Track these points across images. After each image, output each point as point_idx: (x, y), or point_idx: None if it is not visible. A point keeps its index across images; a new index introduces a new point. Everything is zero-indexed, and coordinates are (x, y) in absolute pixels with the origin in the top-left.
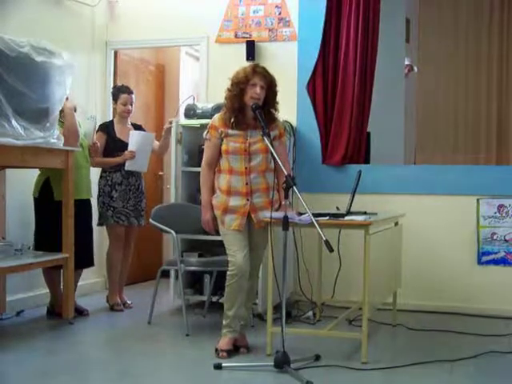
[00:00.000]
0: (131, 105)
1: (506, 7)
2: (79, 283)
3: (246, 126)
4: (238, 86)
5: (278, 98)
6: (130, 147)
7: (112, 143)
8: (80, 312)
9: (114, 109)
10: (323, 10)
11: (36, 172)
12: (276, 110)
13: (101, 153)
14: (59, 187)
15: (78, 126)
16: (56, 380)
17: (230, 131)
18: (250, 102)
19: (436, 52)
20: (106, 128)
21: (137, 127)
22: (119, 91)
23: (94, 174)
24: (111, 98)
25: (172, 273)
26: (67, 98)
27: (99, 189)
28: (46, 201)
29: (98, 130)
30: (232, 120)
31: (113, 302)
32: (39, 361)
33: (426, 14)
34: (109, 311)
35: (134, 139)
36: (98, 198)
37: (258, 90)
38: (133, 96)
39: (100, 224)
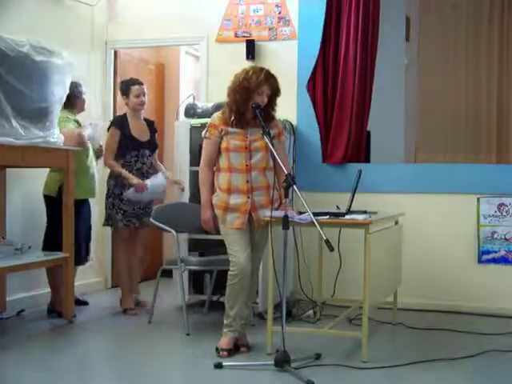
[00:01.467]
0: (144, 96)
1: (506, 5)
2: (80, 282)
3: (246, 124)
4: (247, 92)
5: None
6: (148, 182)
7: (126, 140)
8: (81, 303)
9: (126, 104)
10: (323, 8)
11: (36, 171)
12: (273, 109)
13: (115, 149)
14: (79, 186)
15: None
16: (56, 379)
17: (231, 129)
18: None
19: (436, 50)
20: (120, 123)
21: (150, 123)
22: (129, 84)
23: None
24: (120, 93)
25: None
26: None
27: (108, 189)
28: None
29: (110, 126)
30: (232, 118)
31: (125, 306)
32: (39, 360)
33: (426, 12)
34: (109, 310)
35: (156, 181)
36: (106, 199)
37: (265, 99)
38: (144, 87)
39: (108, 225)
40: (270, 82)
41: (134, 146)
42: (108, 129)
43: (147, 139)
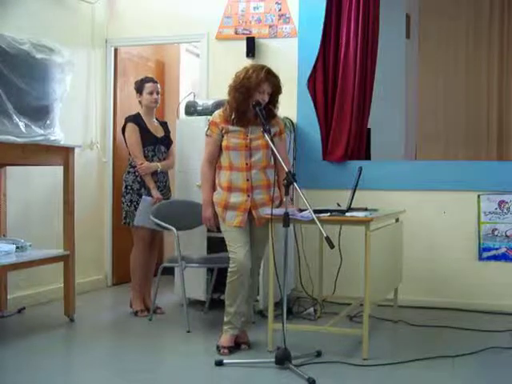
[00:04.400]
0: (157, 94)
1: (507, 2)
2: (80, 280)
3: (246, 122)
4: (248, 91)
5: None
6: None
7: (145, 136)
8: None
9: (140, 102)
10: (323, 5)
11: (37, 169)
12: (275, 107)
13: (138, 143)
14: None
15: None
16: (57, 377)
17: (231, 127)
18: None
19: (437, 47)
20: (136, 119)
21: (163, 123)
22: (143, 82)
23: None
24: (135, 92)
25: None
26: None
27: (126, 185)
28: None
29: (126, 123)
30: (233, 116)
31: (137, 308)
32: (40, 358)
33: (426, 9)
34: (110, 308)
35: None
36: (124, 196)
37: (266, 97)
38: (158, 85)
39: (126, 223)
40: (270, 81)
41: (151, 141)
42: (123, 127)
43: (162, 136)
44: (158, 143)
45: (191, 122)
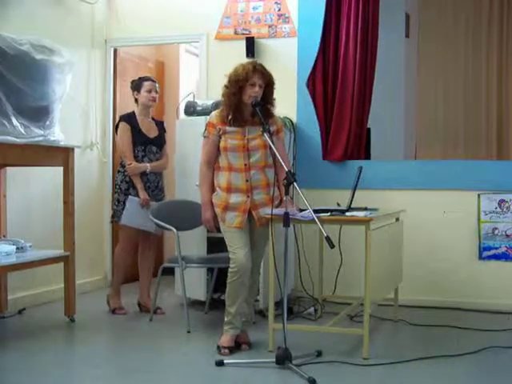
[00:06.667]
0: (156, 93)
1: (506, 0)
2: (80, 280)
3: (243, 122)
4: (237, 84)
5: (279, 94)
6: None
7: (136, 135)
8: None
9: (136, 100)
10: (323, 5)
11: (37, 169)
12: (272, 105)
13: (129, 143)
14: None
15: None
16: (57, 377)
17: (228, 128)
18: (249, 100)
19: (436, 47)
20: (129, 119)
21: (159, 123)
22: (142, 80)
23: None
24: (132, 90)
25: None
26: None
27: (115, 185)
28: None
29: (119, 122)
30: (230, 117)
31: (114, 305)
32: (40, 359)
33: (426, 9)
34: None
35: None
36: (113, 195)
37: (256, 89)
38: (156, 85)
39: (113, 222)
40: (258, 72)
41: (141, 141)
42: (117, 126)
43: (155, 136)
44: (149, 143)
45: (191, 122)
